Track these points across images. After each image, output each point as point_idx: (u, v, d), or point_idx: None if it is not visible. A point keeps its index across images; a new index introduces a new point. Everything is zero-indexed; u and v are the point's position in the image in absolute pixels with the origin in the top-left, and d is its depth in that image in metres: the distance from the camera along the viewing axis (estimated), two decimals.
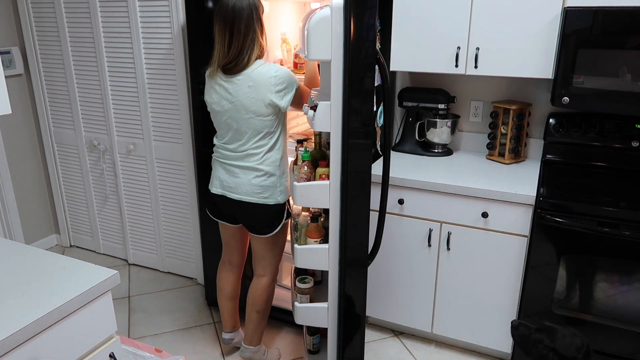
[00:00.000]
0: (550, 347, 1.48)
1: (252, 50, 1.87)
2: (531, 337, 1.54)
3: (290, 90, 1.91)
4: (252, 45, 1.86)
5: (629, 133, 2.27)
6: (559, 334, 1.49)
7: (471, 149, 2.72)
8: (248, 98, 1.88)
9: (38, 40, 3.09)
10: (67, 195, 3.42)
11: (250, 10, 1.84)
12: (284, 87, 1.89)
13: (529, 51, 2.12)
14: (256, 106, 1.88)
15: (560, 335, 1.49)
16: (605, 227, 1.93)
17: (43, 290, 1.36)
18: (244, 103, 1.89)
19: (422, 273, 2.37)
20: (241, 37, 1.84)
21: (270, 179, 2.00)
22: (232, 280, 2.31)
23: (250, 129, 1.93)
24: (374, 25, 1.69)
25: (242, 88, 1.88)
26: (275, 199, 2.02)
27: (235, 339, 2.41)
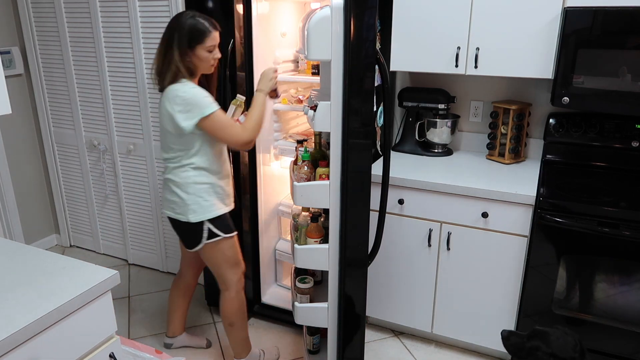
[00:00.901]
0: (549, 353, 1.46)
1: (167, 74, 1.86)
2: (526, 346, 1.52)
3: (194, 115, 1.82)
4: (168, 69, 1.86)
5: (629, 133, 2.27)
6: (552, 336, 1.49)
7: (471, 149, 2.72)
8: (162, 114, 1.89)
9: (38, 40, 3.09)
10: (67, 195, 3.42)
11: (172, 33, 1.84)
12: (186, 109, 1.82)
13: (529, 51, 2.12)
14: (165, 122, 1.89)
15: (554, 338, 1.48)
16: (605, 227, 1.93)
17: (43, 290, 1.36)
18: (161, 118, 1.91)
19: (422, 273, 2.37)
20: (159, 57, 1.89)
21: (179, 195, 1.96)
22: (176, 289, 2.38)
23: (167, 144, 1.95)
24: (374, 25, 1.69)
25: (161, 103, 1.90)
26: (186, 217, 1.97)
27: (174, 345, 2.47)
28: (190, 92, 1.83)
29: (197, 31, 1.85)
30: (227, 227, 2.04)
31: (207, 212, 1.97)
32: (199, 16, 1.87)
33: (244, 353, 2.26)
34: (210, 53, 1.89)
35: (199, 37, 1.85)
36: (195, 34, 1.85)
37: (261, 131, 2.44)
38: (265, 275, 2.73)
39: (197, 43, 1.85)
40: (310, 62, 2.47)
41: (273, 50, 2.48)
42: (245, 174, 2.44)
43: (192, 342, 2.48)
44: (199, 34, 1.85)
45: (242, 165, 2.42)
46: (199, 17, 1.87)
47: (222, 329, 2.63)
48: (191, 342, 2.48)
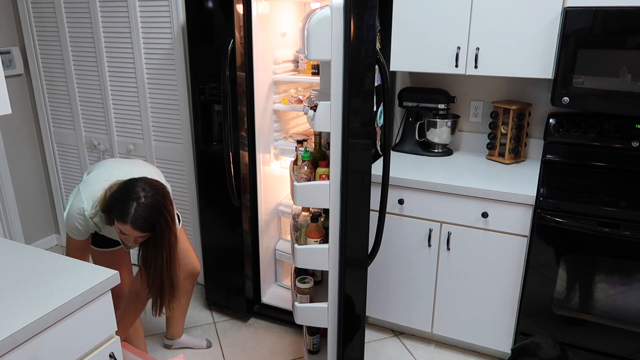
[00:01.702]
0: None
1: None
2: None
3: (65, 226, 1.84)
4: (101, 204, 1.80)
5: (629, 133, 2.27)
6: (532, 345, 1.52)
7: (471, 149, 2.72)
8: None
9: (38, 40, 3.09)
10: (67, 195, 3.42)
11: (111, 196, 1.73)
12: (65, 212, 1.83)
13: (529, 51, 2.12)
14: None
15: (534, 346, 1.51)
16: (605, 227, 1.93)
17: (43, 290, 1.36)
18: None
19: (422, 273, 2.37)
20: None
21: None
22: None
23: None
24: (374, 25, 1.69)
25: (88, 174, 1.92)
26: None
27: (174, 346, 2.46)
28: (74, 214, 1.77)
29: (117, 205, 1.66)
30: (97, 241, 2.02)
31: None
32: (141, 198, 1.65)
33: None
34: (122, 234, 1.71)
35: (115, 213, 1.67)
36: (115, 206, 1.67)
37: (261, 132, 2.46)
38: (265, 275, 2.73)
39: (113, 216, 1.68)
40: (310, 62, 2.47)
41: (273, 50, 2.48)
42: (245, 174, 2.44)
43: (192, 343, 2.48)
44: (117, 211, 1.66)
45: (242, 165, 2.42)
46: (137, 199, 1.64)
47: (222, 328, 2.64)
48: (191, 343, 2.48)
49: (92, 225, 1.81)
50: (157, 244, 1.74)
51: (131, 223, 1.63)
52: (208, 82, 2.35)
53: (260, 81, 2.37)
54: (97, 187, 1.80)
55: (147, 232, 1.68)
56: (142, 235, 1.69)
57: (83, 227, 1.81)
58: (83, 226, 1.81)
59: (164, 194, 1.71)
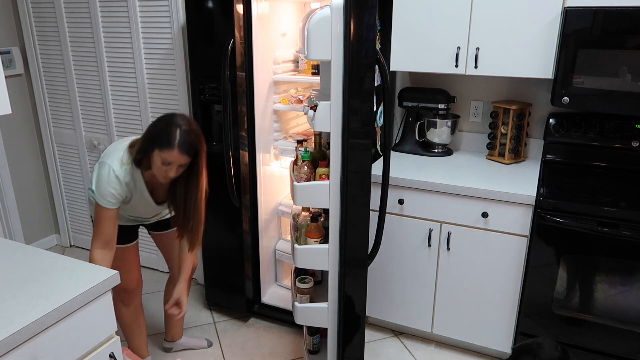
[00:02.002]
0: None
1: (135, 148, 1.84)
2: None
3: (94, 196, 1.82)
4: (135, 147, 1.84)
5: (629, 133, 2.27)
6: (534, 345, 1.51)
7: (471, 149, 2.72)
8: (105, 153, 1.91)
9: (38, 40, 3.09)
10: (67, 195, 3.42)
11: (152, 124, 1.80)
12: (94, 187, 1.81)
13: (529, 51, 2.12)
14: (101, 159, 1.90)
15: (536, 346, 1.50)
16: (605, 227, 1.93)
17: (43, 290, 1.36)
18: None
19: (422, 273, 2.37)
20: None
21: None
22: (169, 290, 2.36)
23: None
24: (374, 25, 1.69)
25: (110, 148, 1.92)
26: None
27: (174, 348, 2.46)
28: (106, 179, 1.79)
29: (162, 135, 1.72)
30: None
31: None
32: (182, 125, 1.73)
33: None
34: (163, 166, 1.74)
35: (160, 142, 1.71)
36: (158, 137, 1.73)
37: (261, 132, 2.46)
38: (265, 275, 2.73)
39: (157, 146, 1.72)
40: (310, 62, 2.47)
41: (273, 50, 2.48)
42: (245, 174, 2.44)
43: (192, 344, 2.48)
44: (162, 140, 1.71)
45: (242, 165, 2.42)
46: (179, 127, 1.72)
47: (222, 328, 2.64)
48: (191, 344, 2.48)
49: (125, 188, 1.84)
50: (195, 171, 1.85)
51: (178, 146, 1.70)
52: (208, 82, 2.35)
53: (260, 81, 2.37)
54: (118, 149, 1.86)
55: (190, 157, 1.76)
56: (184, 163, 1.76)
57: (117, 190, 1.82)
58: (117, 189, 1.82)
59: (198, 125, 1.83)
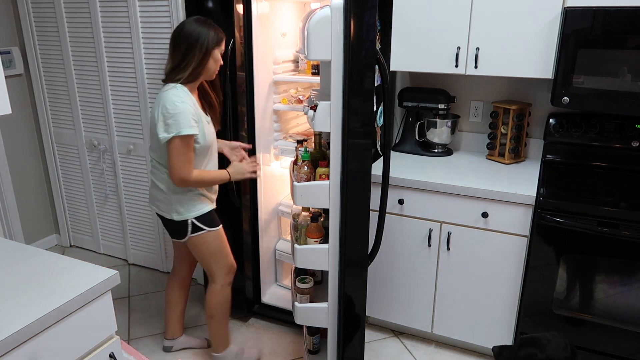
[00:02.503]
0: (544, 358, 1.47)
1: (183, 70, 1.90)
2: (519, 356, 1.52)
3: (171, 130, 1.84)
4: (187, 66, 1.90)
5: (629, 133, 2.27)
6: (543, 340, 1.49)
7: (471, 149, 2.72)
8: (152, 114, 1.93)
9: (38, 40, 3.09)
10: (67, 195, 3.42)
11: (199, 34, 1.89)
12: (168, 122, 1.84)
13: (529, 51, 2.12)
14: (152, 122, 1.93)
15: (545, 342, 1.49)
16: (605, 227, 1.93)
17: (43, 290, 1.36)
18: (152, 113, 1.94)
19: (422, 273, 2.37)
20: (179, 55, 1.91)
21: (160, 193, 2.04)
22: (171, 287, 2.37)
23: (153, 141, 2.00)
24: (374, 25, 1.69)
25: (156, 101, 1.93)
26: (170, 215, 2.03)
27: (174, 347, 2.46)
28: (180, 107, 1.84)
29: (218, 34, 1.94)
30: (211, 221, 2.09)
31: (189, 212, 2.03)
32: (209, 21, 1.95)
33: (221, 348, 2.29)
34: (220, 56, 1.97)
35: (220, 40, 1.94)
36: (216, 36, 1.93)
37: (261, 132, 2.46)
38: (265, 275, 2.73)
39: (217, 45, 1.93)
40: (310, 62, 2.47)
41: (273, 50, 2.48)
42: None
43: (192, 343, 2.48)
44: (220, 37, 1.94)
45: None
46: (208, 23, 1.94)
47: None
48: (191, 343, 2.48)
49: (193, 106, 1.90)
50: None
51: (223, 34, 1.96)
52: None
53: (260, 81, 2.37)
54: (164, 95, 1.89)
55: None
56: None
57: (192, 107, 1.88)
58: (191, 107, 1.87)
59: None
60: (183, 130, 1.84)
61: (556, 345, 1.47)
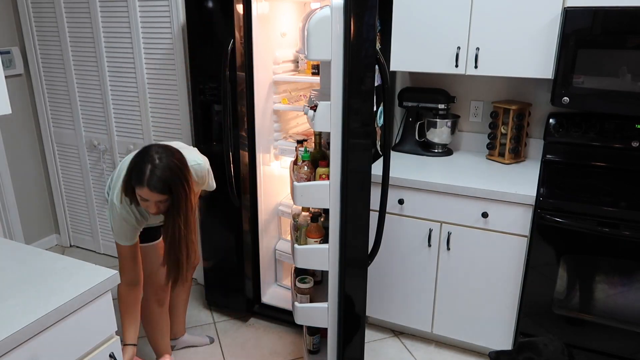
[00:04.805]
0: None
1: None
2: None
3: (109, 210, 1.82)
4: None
5: (629, 133, 2.27)
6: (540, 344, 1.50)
7: (471, 149, 2.71)
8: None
9: (38, 40, 3.09)
10: (67, 195, 3.42)
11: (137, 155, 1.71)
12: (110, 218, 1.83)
13: (529, 51, 2.12)
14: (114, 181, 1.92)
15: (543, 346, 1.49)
16: (605, 227, 1.93)
17: (43, 290, 1.36)
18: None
19: (422, 273, 2.37)
20: None
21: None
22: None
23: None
24: (374, 25, 1.69)
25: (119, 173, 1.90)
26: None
27: (177, 346, 2.45)
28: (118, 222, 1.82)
29: (135, 171, 1.67)
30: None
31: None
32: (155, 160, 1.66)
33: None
34: (143, 202, 1.70)
35: (134, 179, 1.67)
36: (134, 172, 1.67)
37: (261, 132, 2.46)
38: (265, 275, 2.73)
39: (133, 183, 1.68)
40: (310, 62, 2.47)
41: (273, 50, 2.48)
42: (245, 174, 2.44)
43: (194, 341, 2.48)
44: (135, 176, 1.66)
45: (242, 165, 2.42)
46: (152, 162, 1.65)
47: (222, 328, 2.64)
48: (194, 341, 2.48)
49: (134, 216, 1.82)
50: (175, 207, 1.72)
51: (147, 185, 1.63)
52: (208, 82, 2.35)
53: (260, 81, 2.37)
54: (119, 182, 1.81)
55: (164, 194, 1.66)
56: (161, 199, 1.68)
57: (130, 222, 1.81)
58: (129, 221, 1.81)
59: (179, 157, 1.72)
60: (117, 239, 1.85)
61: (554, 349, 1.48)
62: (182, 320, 2.44)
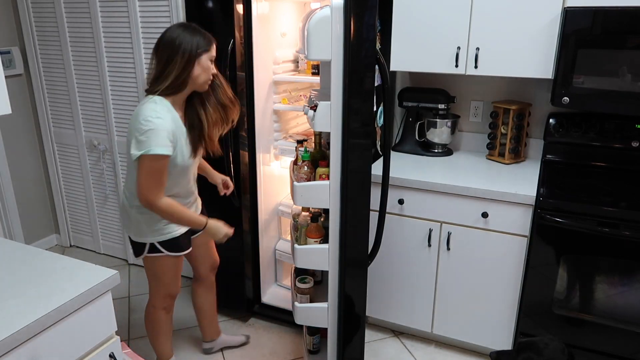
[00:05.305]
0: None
1: (164, 80, 1.73)
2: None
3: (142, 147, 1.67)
4: (167, 76, 1.73)
5: (629, 133, 2.27)
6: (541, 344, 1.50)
7: (471, 149, 2.72)
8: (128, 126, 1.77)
9: (38, 40, 3.09)
10: (67, 195, 3.42)
11: (180, 42, 1.71)
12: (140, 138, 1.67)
13: (529, 51, 2.12)
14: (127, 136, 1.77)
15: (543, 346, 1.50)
16: (605, 227, 1.93)
17: (43, 290, 1.36)
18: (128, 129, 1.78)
19: (422, 273, 2.37)
20: (160, 64, 1.74)
21: (125, 210, 1.91)
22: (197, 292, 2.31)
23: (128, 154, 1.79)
24: (374, 25, 1.69)
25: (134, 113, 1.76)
26: (129, 231, 1.93)
27: (214, 348, 2.45)
28: (155, 124, 1.67)
29: (205, 39, 1.76)
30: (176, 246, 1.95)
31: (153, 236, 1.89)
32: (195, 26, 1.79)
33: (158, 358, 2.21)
34: (211, 64, 1.78)
35: (207, 45, 1.76)
36: (204, 42, 1.75)
37: (261, 132, 2.46)
38: (265, 275, 2.73)
39: (205, 51, 1.74)
40: (310, 62, 2.47)
41: (273, 50, 2.48)
42: (245, 174, 2.44)
43: (231, 341, 2.47)
44: (207, 41, 1.76)
45: (242, 165, 2.42)
46: (196, 28, 1.77)
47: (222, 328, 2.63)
48: (230, 341, 2.47)
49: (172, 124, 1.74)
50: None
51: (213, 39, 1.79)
52: None
53: (260, 81, 2.37)
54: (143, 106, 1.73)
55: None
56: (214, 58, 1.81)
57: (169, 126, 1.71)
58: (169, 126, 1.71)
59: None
60: (153, 149, 1.67)
61: (554, 349, 1.48)
62: (215, 322, 2.41)
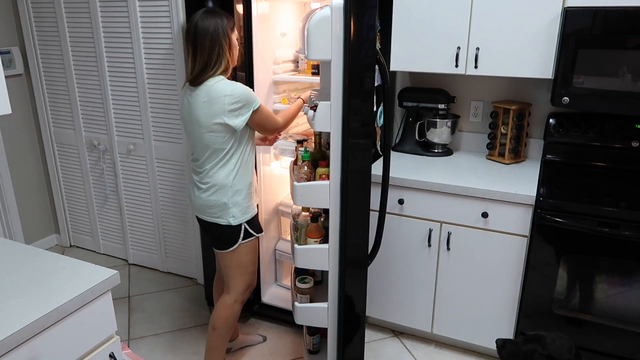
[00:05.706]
0: (545, 355, 1.48)
1: (217, 65, 1.85)
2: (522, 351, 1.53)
3: (246, 110, 1.84)
4: (218, 60, 1.85)
5: (629, 133, 2.27)
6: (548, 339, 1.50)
7: (471, 149, 2.72)
8: (202, 113, 1.84)
9: (38, 40, 3.09)
10: (67, 195, 3.42)
11: (216, 26, 1.83)
12: (239, 107, 1.82)
13: (529, 51, 2.12)
14: (207, 122, 1.84)
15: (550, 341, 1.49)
16: (605, 227, 1.93)
17: (43, 290, 1.36)
18: (198, 117, 1.85)
19: (422, 273, 2.37)
20: (205, 52, 1.83)
21: (216, 197, 1.93)
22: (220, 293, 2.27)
23: (202, 144, 1.90)
24: (374, 25, 1.69)
25: (198, 102, 1.84)
26: (227, 219, 1.95)
27: (233, 348, 2.45)
28: (238, 89, 1.83)
29: (229, 19, 1.89)
30: (257, 226, 2.07)
31: (244, 215, 1.98)
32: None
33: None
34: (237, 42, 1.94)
35: (233, 24, 1.90)
36: (230, 22, 1.88)
37: None
38: (265, 275, 2.73)
39: (232, 31, 1.89)
40: (310, 62, 2.47)
41: (273, 50, 2.48)
42: None
43: (249, 341, 2.49)
44: (232, 21, 1.90)
45: None
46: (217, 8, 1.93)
47: None
48: (249, 341, 2.49)
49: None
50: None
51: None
52: None
53: (260, 81, 2.37)
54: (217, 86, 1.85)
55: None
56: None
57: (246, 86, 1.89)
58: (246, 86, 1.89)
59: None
60: (255, 104, 1.87)
61: (560, 345, 1.48)
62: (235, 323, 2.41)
